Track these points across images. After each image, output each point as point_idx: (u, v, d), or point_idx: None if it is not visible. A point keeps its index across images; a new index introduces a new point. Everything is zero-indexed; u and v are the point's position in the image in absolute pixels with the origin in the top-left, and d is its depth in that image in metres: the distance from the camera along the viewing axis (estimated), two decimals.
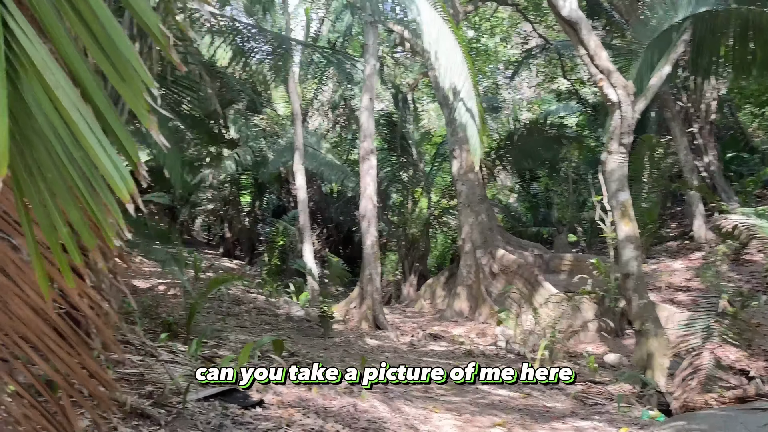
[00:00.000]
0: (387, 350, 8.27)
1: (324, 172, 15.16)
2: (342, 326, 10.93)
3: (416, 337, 10.04)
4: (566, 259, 12.84)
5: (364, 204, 11.65)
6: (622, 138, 6.89)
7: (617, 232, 6.97)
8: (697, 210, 12.71)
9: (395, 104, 14.77)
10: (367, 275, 11.55)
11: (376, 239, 11.71)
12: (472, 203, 13.34)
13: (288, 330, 8.61)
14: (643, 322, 6.67)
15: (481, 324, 12.13)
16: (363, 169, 11.63)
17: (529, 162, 14.96)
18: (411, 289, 15.79)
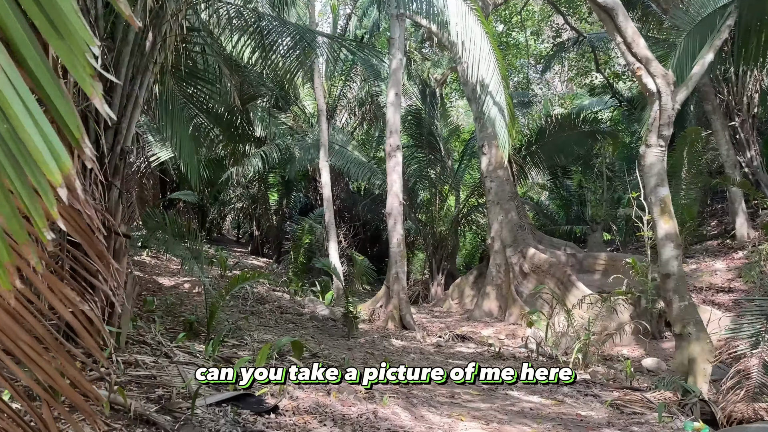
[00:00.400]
0: (413, 351, 8.02)
1: (351, 169, 14.97)
2: (368, 326, 10.73)
3: (443, 338, 9.76)
4: (600, 258, 12.39)
5: (390, 201, 11.42)
6: (661, 130, 6.50)
7: (656, 229, 6.58)
8: (739, 207, 12.12)
9: (422, 99, 14.49)
10: (393, 274, 11.32)
11: (403, 237, 11.47)
12: (501, 200, 12.99)
13: (312, 329, 8.44)
14: (685, 325, 6.28)
15: (511, 325, 11.79)
16: (389, 165, 11.40)
17: (562, 158, 14.51)
18: (439, 288, 15.52)
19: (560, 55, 18.04)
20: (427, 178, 15.40)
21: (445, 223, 15.70)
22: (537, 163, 14.81)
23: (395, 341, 8.82)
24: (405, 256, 11.52)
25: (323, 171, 10.46)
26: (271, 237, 18.40)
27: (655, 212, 6.58)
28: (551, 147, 14.31)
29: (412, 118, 14.75)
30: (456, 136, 17.38)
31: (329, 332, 8.45)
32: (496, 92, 7.54)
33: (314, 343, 7.29)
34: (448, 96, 19.41)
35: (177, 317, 7.05)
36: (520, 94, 17.83)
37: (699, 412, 4.93)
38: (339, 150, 15.31)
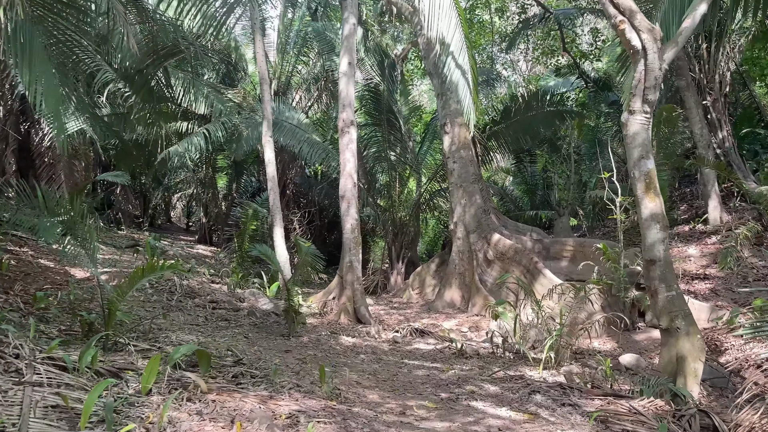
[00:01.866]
0: (364, 350, 7.03)
1: (304, 150, 13.82)
2: (318, 320, 9.69)
3: (401, 333, 8.80)
4: (568, 244, 11.62)
5: (343, 183, 10.36)
6: (646, 94, 5.62)
7: (639, 209, 5.72)
8: (712, 190, 11.50)
9: (381, 73, 13.42)
10: (347, 263, 10.30)
11: (358, 222, 10.44)
12: (464, 183, 12.08)
13: (248, 327, 7.35)
14: (673, 318, 5.44)
15: (475, 316, 10.94)
16: (342, 143, 10.33)
17: (527, 139, 13.69)
18: (399, 277, 14.57)
19: (525, 32, 17.18)
20: (387, 160, 14.38)
21: (405, 208, 14.73)
22: (502, 145, 13.95)
23: (345, 338, 7.81)
24: (360, 243, 10.50)
25: (267, 147, 9.32)
26: (219, 224, 17.11)
27: (639, 189, 5.71)
28: (517, 127, 13.46)
29: (369, 95, 13.67)
30: (418, 117, 16.40)
31: (268, 330, 7.38)
32: (459, 52, 6.57)
33: (246, 344, 6.21)
34: (410, 74, 18.37)
35: (79, 316, 5.86)
36: (485, 71, 16.95)
37: (699, 425, 4.08)
38: (291, 129, 14.14)
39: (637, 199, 5.77)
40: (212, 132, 14.06)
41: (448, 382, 5.50)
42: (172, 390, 3.85)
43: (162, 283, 8.15)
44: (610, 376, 5.77)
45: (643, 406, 4.48)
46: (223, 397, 3.77)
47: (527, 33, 17.57)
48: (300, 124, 14.22)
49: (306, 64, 16.71)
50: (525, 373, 6.18)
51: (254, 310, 8.28)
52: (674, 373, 5.38)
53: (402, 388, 5.14)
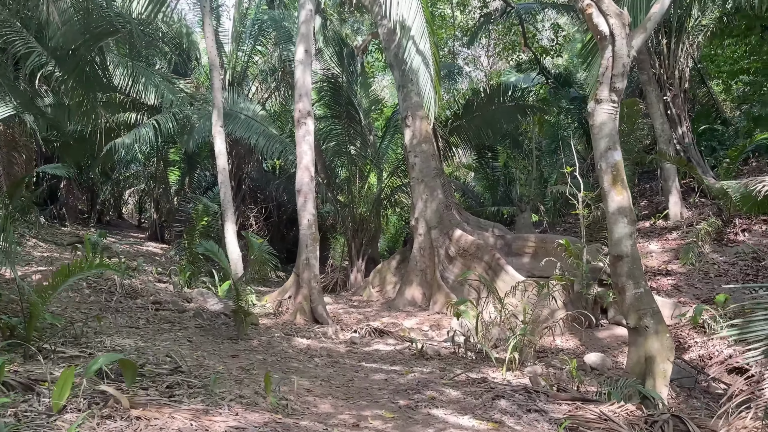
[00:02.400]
0: (319, 353, 6.60)
1: (260, 142, 13.26)
2: (272, 321, 9.21)
3: (359, 333, 8.41)
4: (530, 240, 11.44)
5: (300, 176, 9.89)
6: (614, 82, 5.37)
7: (606, 202, 5.47)
8: (673, 185, 11.49)
9: (339, 63, 12.94)
10: (303, 260, 9.84)
11: (315, 218, 9.99)
12: (426, 177, 11.76)
13: (193, 330, 6.83)
14: (641, 316, 5.21)
15: (436, 314, 10.63)
16: (299, 134, 9.85)
17: (489, 134, 13.46)
18: (359, 275, 14.17)
19: (487, 26, 16.99)
20: (347, 155, 13.94)
21: (366, 203, 14.33)
22: (464, 140, 13.70)
23: (300, 340, 7.36)
24: (317, 240, 10.06)
25: (217, 138, 8.77)
26: (171, 220, 16.36)
27: (606, 181, 5.46)
28: (479, 122, 13.22)
29: (328, 87, 13.19)
30: (379, 110, 16.01)
31: (216, 332, 6.87)
32: (420, 37, 6.21)
33: (189, 349, 5.71)
34: (371, 67, 17.96)
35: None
36: (447, 65, 16.67)
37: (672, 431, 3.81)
38: (246, 121, 13.56)
39: (603, 192, 5.51)
40: (162, 123, 13.38)
41: (407, 387, 5.14)
42: (92, 405, 3.37)
43: (101, 283, 7.53)
44: (577, 378, 5.51)
45: (613, 411, 4.20)
46: (151, 412, 3.30)
47: (489, 28, 17.39)
48: (255, 116, 13.65)
49: (262, 55, 16.11)
50: (488, 375, 5.87)
51: (202, 311, 7.75)
52: (643, 374, 5.15)
53: (357, 396, 4.75)
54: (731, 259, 9.31)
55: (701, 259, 9.58)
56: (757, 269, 8.67)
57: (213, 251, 6.81)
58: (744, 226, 9.96)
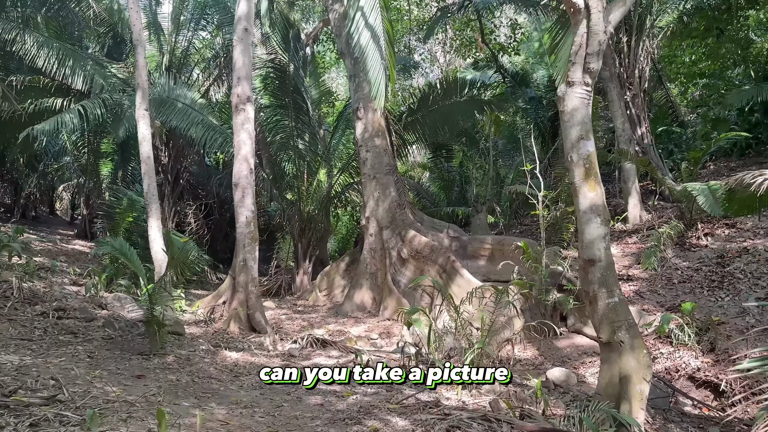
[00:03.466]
0: (248, 371, 5.70)
1: (197, 133, 12.16)
2: (201, 330, 8.23)
3: (299, 344, 7.54)
4: (487, 242, 10.80)
5: (238, 168, 8.94)
6: (588, 62, 4.70)
7: (578, 199, 4.79)
8: (633, 187, 11.07)
9: (285, 45, 11.97)
10: (240, 261, 8.89)
11: (254, 215, 9.06)
12: (378, 174, 10.97)
13: (100, 342, 5.82)
14: (615, 330, 4.55)
15: (386, 321, 9.87)
16: (237, 122, 8.90)
17: (445, 130, 12.78)
18: (305, 277, 13.26)
19: (444, 20, 16.35)
20: (294, 149, 13.01)
21: (314, 201, 13.43)
22: (419, 136, 12.97)
23: (228, 354, 6.43)
24: (257, 239, 9.13)
25: (141, 122, 7.72)
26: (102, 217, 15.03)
27: (577, 176, 4.78)
28: (434, 117, 12.52)
29: (274, 74, 12.21)
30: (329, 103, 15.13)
31: (126, 346, 5.87)
32: (370, 10, 5.39)
33: (86, 368, 4.73)
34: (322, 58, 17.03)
35: None
36: (402, 59, 15.95)
37: None
38: (183, 109, 12.44)
39: (574, 187, 4.84)
40: (89, 109, 12.14)
41: (346, 414, 4.31)
42: None
43: None
44: (542, 399, 4.80)
45: None
46: None
47: (446, 22, 16.75)
48: (194, 104, 12.55)
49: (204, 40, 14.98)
50: (441, 396, 5.11)
51: (115, 319, 6.72)
52: (617, 396, 4.49)
53: (284, 429, 3.89)
54: (695, 264, 8.88)
55: (664, 264, 9.13)
56: (722, 275, 8.25)
57: (122, 251, 5.81)
58: (706, 231, 9.59)
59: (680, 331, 7.14)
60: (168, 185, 14.96)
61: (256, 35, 12.94)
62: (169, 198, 14.99)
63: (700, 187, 8.88)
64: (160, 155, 14.96)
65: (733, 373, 6.34)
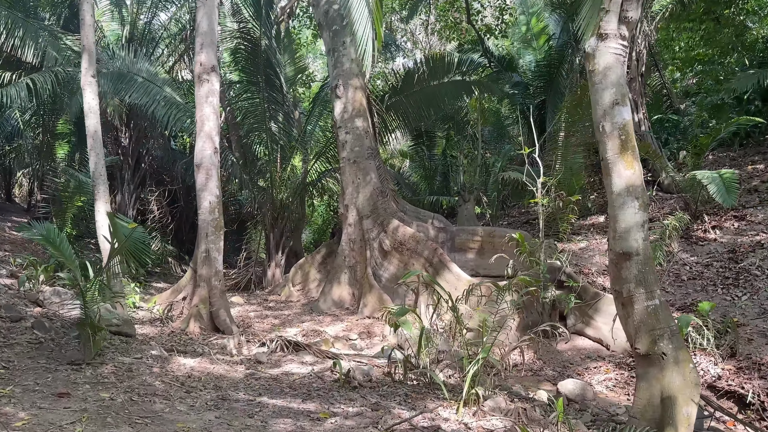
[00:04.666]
0: (203, 384, 4.72)
1: (159, 111, 11.03)
2: (156, 330, 7.21)
3: (268, 347, 6.58)
4: (476, 234, 9.95)
5: (200, 147, 7.90)
6: (626, 9, 3.83)
7: (611, 179, 3.93)
8: None
9: (256, 14, 10.85)
10: (202, 252, 7.88)
11: (218, 200, 8.04)
12: (358, 158, 10.03)
13: (24, 348, 4.78)
14: (655, 339, 3.71)
15: (366, 318, 8.97)
16: (199, 94, 7.86)
17: (431, 113, 11.86)
18: (278, 270, 12.26)
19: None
20: (266, 131, 11.95)
21: (288, 188, 12.41)
22: (402, 118, 12.02)
23: (182, 361, 5.44)
24: (222, 228, 8.11)
25: (87, 90, 6.62)
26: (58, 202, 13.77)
27: (610, 149, 3.91)
28: (419, 98, 11.59)
29: (245, 48, 11.10)
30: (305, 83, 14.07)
31: (56, 353, 4.83)
32: None
33: None
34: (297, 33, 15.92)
35: None
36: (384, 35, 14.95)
37: None
38: (144, 84, 11.30)
39: (606, 164, 3.97)
40: (39, 83, 10.93)
41: None
42: None
43: None
44: (564, 421, 3.94)
45: None
46: None
47: (429, 1, 15.82)
48: (155, 79, 11.40)
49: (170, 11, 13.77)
50: (438, 417, 4.22)
51: (48, 319, 5.66)
52: (659, 421, 3.65)
53: None
54: (704, 259, 8.15)
55: (669, 260, 8.37)
56: (736, 272, 7.52)
57: (49, 239, 4.75)
58: (714, 223, 8.88)
59: (697, 334, 6.36)
60: (129, 169, 13.78)
61: (226, 4, 11.86)
62: (130, 183, 13.83)
63: (711, 176, 8.15)
64: (120, 137, 13.78)
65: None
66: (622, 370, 6.72)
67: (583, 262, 9.01)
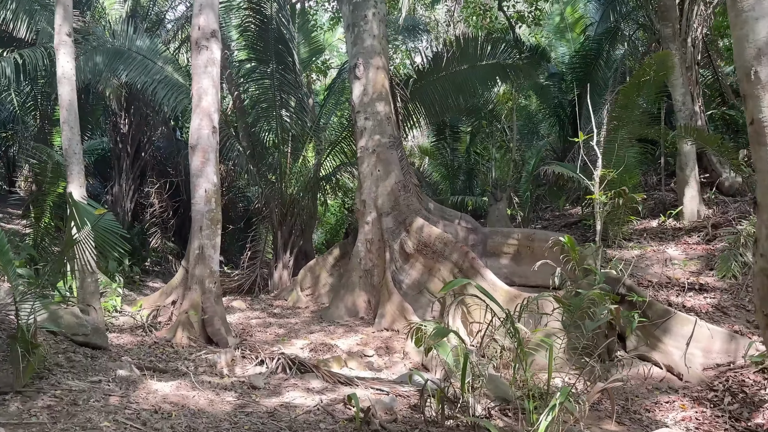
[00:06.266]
0: (175, 420, 3.51)
1: (159, 92, 9.93)
2: (138, 339, 6.04)
3: (267, 366, 5.37)
4: (512, 236, 8.70)
5: (197, 125, 6.74)
6: None
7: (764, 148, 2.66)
8: (691, 175, 9.00)
9: None
10: (195, 249, 6.71)
11: (217, 188, 6.88)
12: (379, 148, 8.82)
13: None
14: None
15: (384, 331, 7.75)
16: (197, 63, 6.70)
17: (460, 101, 10.61)
18: (285, 272, 11.06)
19: None
20: (277, 118, 10.79)
21: (299, 182, 11.23)
22: (427, 108, 10.76)
23: (156, 386, 4.23)
24: (219, 221, 6.94)
25: (60, 52, 5.43)
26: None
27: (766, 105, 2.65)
28: (448, 84, 10.36)
29: (255, 21, 9.88)
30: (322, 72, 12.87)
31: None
32: None
33: None
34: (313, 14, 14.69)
35: None
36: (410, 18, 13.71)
37: None
38: (143, 62, 10.22)
39: (761, 128, 2.70)
40: (28, 59, 9.91)
41: None
42: None
43: None
44: None
45: None
46: None
47: None
48: (156, 57, 10.29)
49: None
50: None
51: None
52: None
53: None
54: None
55: (745, 271, 7.05)
56: None
57: None
58: None
59: None
60: (127, 158, 12.71)
61: None
62: (128, 173, 12.75)
63: None
64: (119, 123, 12.71)
65: None
66: (702, 407, 5.42)
67: (639, 272, 7.71)
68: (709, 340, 5.95)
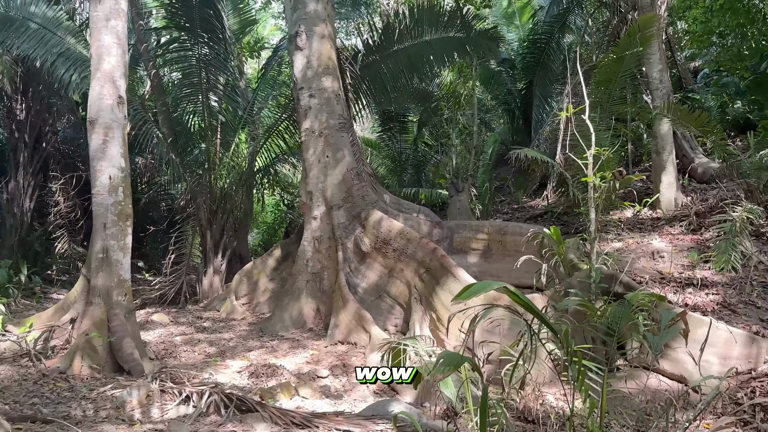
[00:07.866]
0: None
1: (59, 68, 8.27)
2: (21, 371, 4.53)
3: (194, 407, 4.01)
4: (482, 230, 7.65)
5: (96, 94, 5.25)
6: None
7: None
8: (669, 160, 8.27)
9: None
10: (98, 253, 5.22)
11: (126, 175, 5.40)
12: (327, 130, 7.56)
13: None
14: None
15: (339, 344, 6.52)
16: (96, 16, 5.23)
17: (415, 79, 9.49)
18: (216, 279, 9.59)
19: None
20: (204, 101, 9.30)
21: (231, 175, 9.78)
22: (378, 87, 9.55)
23: None
24: (130, 216, 5.47)
25: None
26: None
27: None
28: (402, 59, 9.20)
29: None
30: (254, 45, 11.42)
31: None
32: None
33: None
34: None
35: None
36: None
37: None
38: (38, 31, 8.49)
39: None
40: None
41: None
42: None
43: None
44: None
45: None
46: None
47: None
48: (54, 27, 8.58)
49: None
50: None
51: None
52: None
53: None
54: None
55: (746, 263, 6.28)
56: None
57: None
58: None
59: None
60: (25, 149, 10.82)
61: None
62: (27, 167, 10.87)
63: None
64: (15, 108, 10.79)
65: None
66: (730, 424, 4.54)
67: (624, 265, 6.85)
68: (726, 345, 5.06)
